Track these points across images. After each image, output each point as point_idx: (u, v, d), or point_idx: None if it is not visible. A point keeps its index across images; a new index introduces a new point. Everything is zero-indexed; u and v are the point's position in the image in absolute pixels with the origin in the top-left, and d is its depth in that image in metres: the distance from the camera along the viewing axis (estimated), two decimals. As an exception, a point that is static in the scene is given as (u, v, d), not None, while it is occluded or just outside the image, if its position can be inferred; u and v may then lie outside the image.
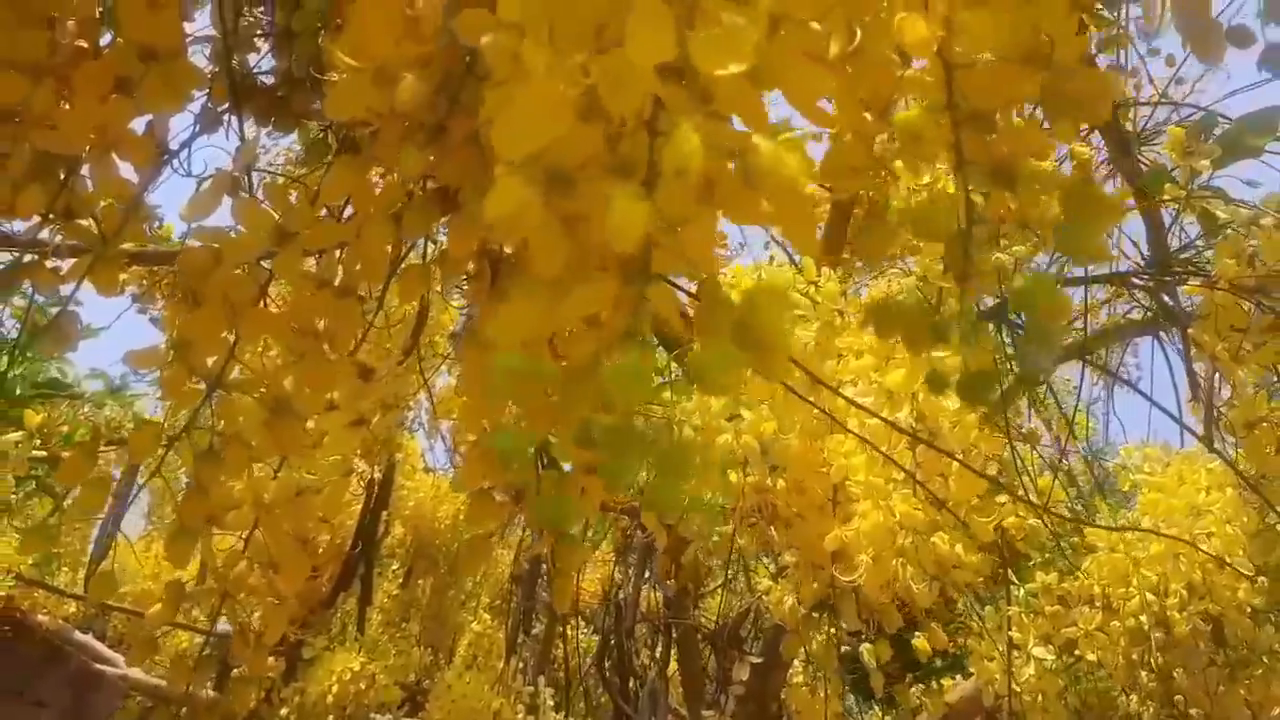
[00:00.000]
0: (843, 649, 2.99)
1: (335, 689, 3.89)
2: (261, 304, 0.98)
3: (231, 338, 0.95)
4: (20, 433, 2.14)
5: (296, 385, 0.97)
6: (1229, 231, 1.48)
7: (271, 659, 3.65)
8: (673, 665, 5.01)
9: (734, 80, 0.44)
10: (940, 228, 0.52)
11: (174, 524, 0.91)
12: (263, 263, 0.99)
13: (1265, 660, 2.21)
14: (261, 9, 1.14)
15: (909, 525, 1.19)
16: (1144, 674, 2.28)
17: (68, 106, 0.94)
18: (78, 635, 4.67)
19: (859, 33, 0.59)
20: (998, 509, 1.27)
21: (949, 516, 1.22)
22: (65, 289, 0.99)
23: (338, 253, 1.01)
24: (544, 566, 5.49)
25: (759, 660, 3.07)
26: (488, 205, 0.44)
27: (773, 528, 1.36)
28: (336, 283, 0.99)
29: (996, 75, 0.59)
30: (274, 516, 1.19)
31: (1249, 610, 2.11)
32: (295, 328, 0.94)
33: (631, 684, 4.99)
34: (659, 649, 5.29)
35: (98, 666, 4.06)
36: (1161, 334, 2.32)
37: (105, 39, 1.00)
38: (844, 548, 1.25)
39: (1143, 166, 1.88)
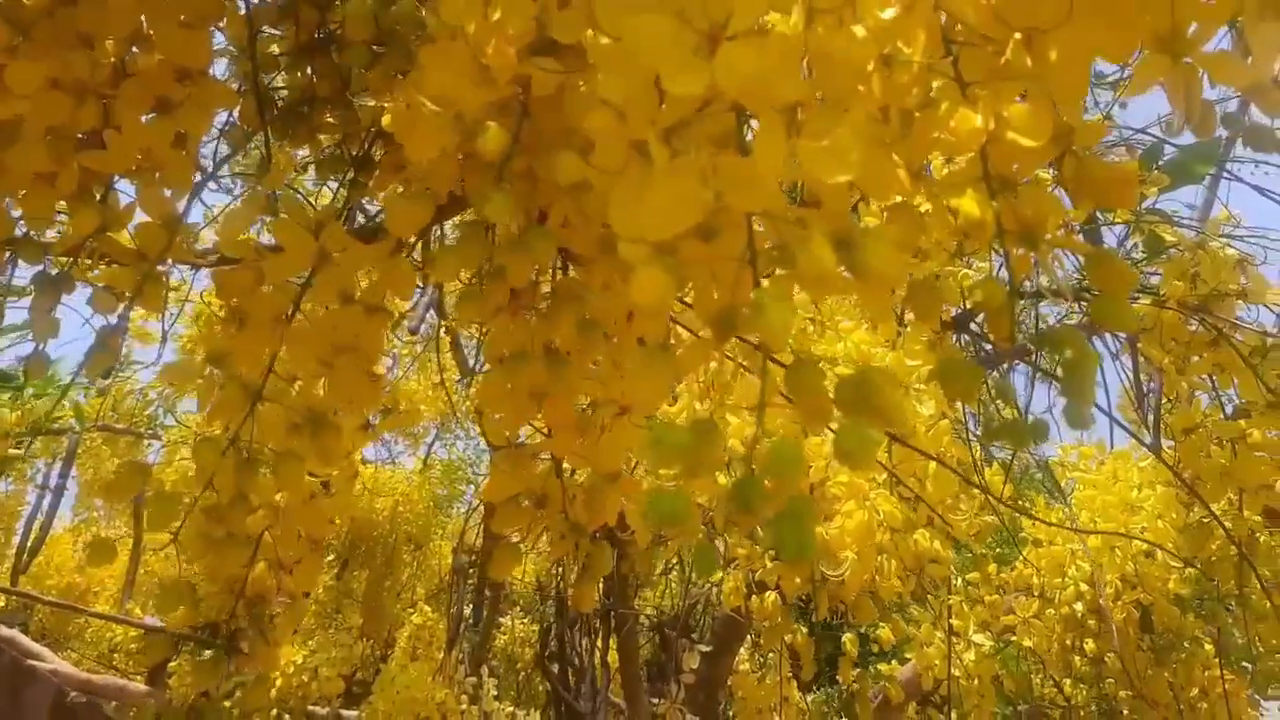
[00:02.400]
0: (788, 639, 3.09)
1: (279, 682, 3.88)
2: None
3: (267, 353, 0.99)
4: (-5, 433, 2.11)
5: (329, 397, 1.02)
6: (1173, 252, 1.61)
7: (209, 652, 3.62)
8: (612, 654, 5.09)
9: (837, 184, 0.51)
10: (995, 301, 0.59)
11: (219, 534, 0.95)
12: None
13: (1188, 646, 2.38)
14: (279, 28, 1.17)
15: (890, 524, 1.29)
16: (1077, 659, 2.43)
17: (94, 121, 0.97)
18: (3, 630, 4.56)
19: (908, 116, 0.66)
20: (971, 508, 1.38)
21: (922, 515, 1.31)
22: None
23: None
24: (478, 558, 5.52)
25: (708, 649, 3.17)
26: (633, 293, 0.50)
27: (759, 528, 1.44)
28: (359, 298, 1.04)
29: (1025, 150, 0.66)
30: (289, 519, 1.22)
31: (1174, 599, 2.27)
32: (333, 343, 0.98)
33: (570, 674, 5.05)
34: (598, 638, 5.36)
35: (30, 661, 3.97)
36: (1095, 338, 2.46)
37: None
38: (823, 544, 1.34)
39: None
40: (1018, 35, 0.65)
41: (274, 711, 3.82)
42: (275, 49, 1.17)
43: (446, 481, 6.55)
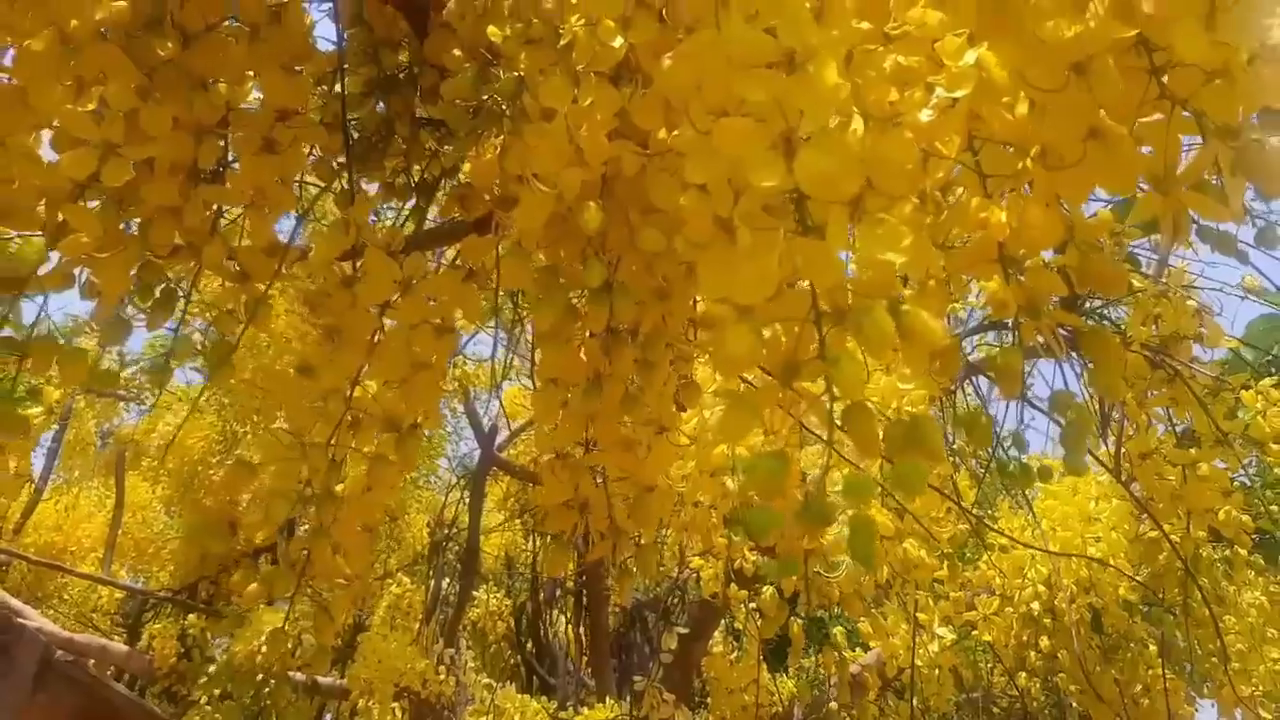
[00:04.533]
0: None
1: (264, 648, 4.00)
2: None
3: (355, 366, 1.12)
4: None
5: (406, 406, 1.15)
6: (1138, 296, 1.78)
7: (192, 616, 3.84)
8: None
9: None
10: (1013, 367, 0.74)
11: (316, 528, 1.08)
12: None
13: (1133, 647, 2.58)
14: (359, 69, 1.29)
15: (883, 532, 1.44)
16: (1032, 654, 2.63)
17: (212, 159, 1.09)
18: (-9, 588, 4.64)
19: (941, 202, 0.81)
20: (953, 522, 1.54)
21: (909, 525, 1.47)
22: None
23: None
24: (451, 531, 5.65)
25: (685, 631, 3.34)
26: (729, 346, 0.64)
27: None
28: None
29: (1039, 242, 0.81)
30: (348, 510, 1.36)
31: (1123, 603, 2.46)
32: (412, 361, 1.11)
33: (542, 649, 5.22)
34: (566, 614, 5.52)
35: (19, 620, 4.05)
36: (1062, 361, 2.63)
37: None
38: (821, 548, 1.49)
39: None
40: (1036, 151, 0.80)
41: (259, 676, 3.94)
42: (353, 88, 1.29)
43: (423, 456, 6.65)
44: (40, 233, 0.98)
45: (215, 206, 1.11)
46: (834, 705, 2.01)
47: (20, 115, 1.02)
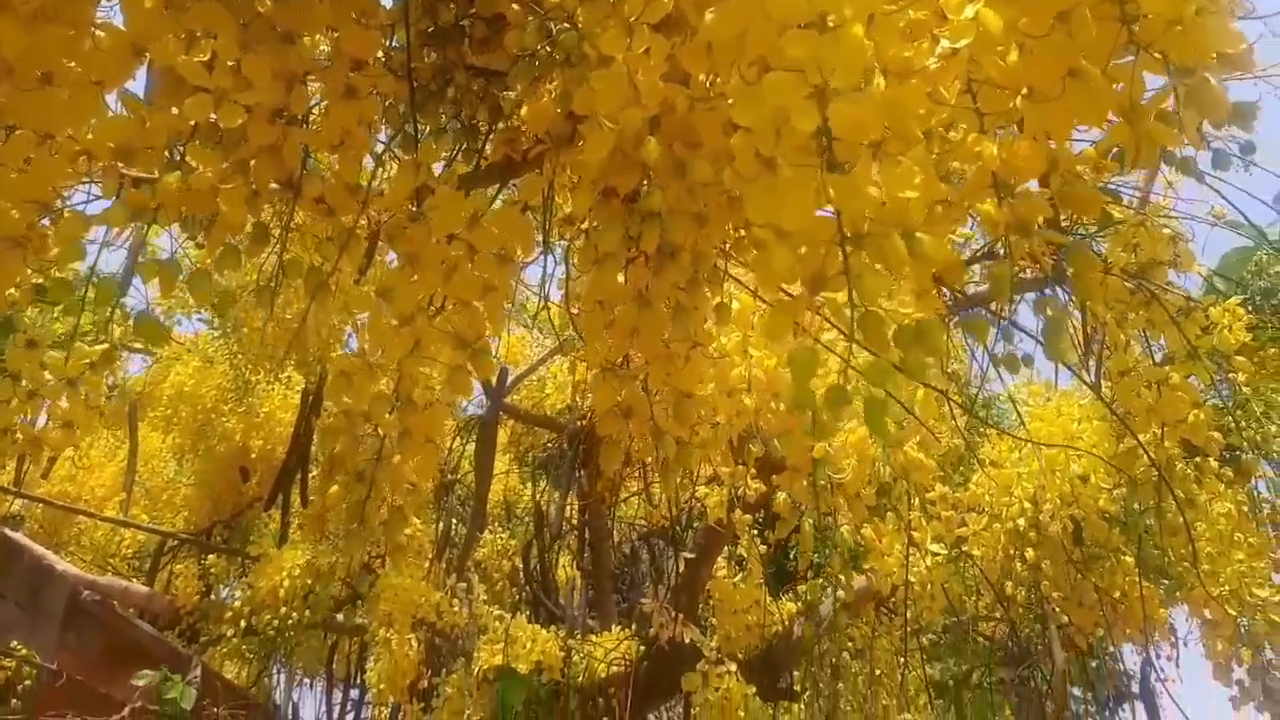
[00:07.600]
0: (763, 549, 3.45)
1: (286, 583, 4.18)
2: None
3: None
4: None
5: (473, 327, 1.30)
6: (1119, 227, 1.94)
7: (213, 557, 4.07)
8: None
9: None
10: (1004, 283, 0.90)
11: (406, 436, 1.23)
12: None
13: (1112, 557, 2.79)
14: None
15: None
16: (1018, 564, 2.83)
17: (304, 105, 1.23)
18: (21, 535, 4.79)
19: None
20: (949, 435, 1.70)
21: (909, 433, 1.64)
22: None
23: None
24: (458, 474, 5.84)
25: (691, 555, 3.53)
26: (772, 262, 0.80)
27: (776, 440, 1.75)
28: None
29: (1025, 171, 0.97)
30: (416, 422, 1.51)
31: (1103, 515, 2.66)
32: (482, 284, 1.26)
33: (547, 582, 5.42)
34: (570, 550, 5.73)
35: (48, 562, 4.22)
36: (1048, 290, 2.80)
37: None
38: (828, 455, 1.66)
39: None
40: (1025, 91, 0.95)
41: (284, 609, 4.12)
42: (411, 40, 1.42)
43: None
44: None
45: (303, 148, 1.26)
46: (842, 594, 2.19)
47: (131, 65, 1.16)
